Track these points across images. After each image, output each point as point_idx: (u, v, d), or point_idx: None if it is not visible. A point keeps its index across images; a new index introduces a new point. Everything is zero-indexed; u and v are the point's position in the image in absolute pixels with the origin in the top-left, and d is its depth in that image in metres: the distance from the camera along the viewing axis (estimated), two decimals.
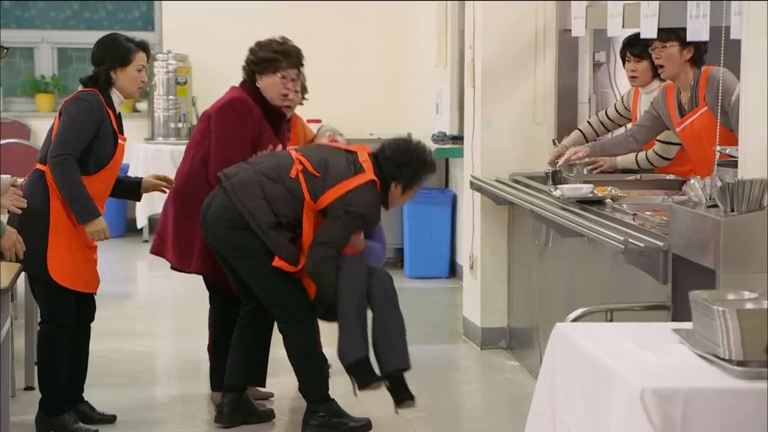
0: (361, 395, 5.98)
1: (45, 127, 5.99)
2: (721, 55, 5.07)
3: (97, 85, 5.88)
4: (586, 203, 5.99)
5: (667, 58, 6.27)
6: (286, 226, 5.83)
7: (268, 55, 6.19)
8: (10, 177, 5.84)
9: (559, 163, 6.81)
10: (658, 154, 6.82)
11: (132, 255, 11.22)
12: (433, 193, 10.14)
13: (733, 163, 4.84)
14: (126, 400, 6.57)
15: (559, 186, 6.44)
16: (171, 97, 11.90)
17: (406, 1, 11.69)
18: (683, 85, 6.33)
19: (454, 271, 9.92)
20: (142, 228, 11.66)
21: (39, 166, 5.84)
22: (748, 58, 4.65)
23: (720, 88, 5.93)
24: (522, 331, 7.34)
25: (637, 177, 6.80)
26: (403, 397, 5.86)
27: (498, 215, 7.57)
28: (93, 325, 6.13)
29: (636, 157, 6.87)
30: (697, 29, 5.36)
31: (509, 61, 7.52)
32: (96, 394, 6.32)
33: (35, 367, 6.19)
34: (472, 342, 7.80)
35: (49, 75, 12.46)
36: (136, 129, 11.48)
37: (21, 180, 5.93)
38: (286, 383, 6.64)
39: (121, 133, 5.96)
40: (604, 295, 5.75)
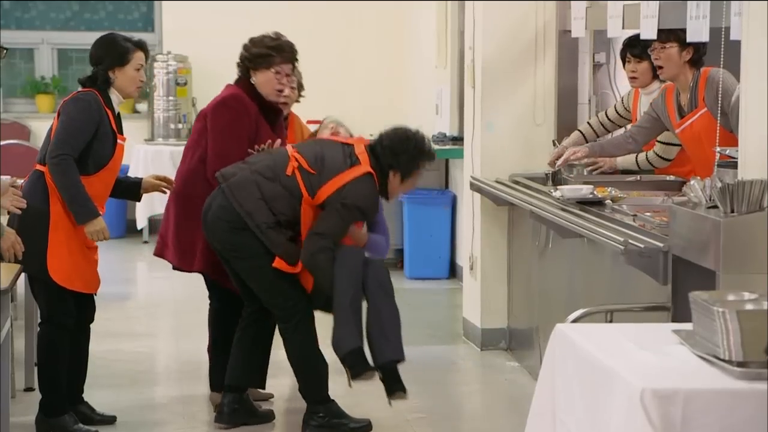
0: (361, 396, 5.97)
1: (45, 128, 5.99)
2: (721, 56, 5.07)
3: (96, 86, 5.88)
4: (586, 204, 5.99)
5: (666, 59, 6.27)
6: (285, 224, 5.83)
7: (261, 51, 6.18)
8: (10, 178, 5.83)
9: (558, 163, 6.80)
10: (658, 155, 6.81)
11: (132, 256, 11.22)
12: (433, 194, 10.14)
13: (733, 164, 4.84)
14: (126, 401, 6.57)
15: (559, 187, 6.44)
16: (171, 98, 11.90)
17: (406, 1, 11.69)
18: (682, 87, 6.33)
19: (454, 271, 9.92)
20: (142, 229, 11.66)
21: (38, 166, 5.84)
22: (747, 59, 4.64)
23: (719, 89, 5.94)
24: (522, 332, 7.34)
25: (637, 178, 6.80)
26: (395, 389, 5.84)
27: (498, 216, 7.57)
28: (93, 326, 6.13)
29: (636, 158, 6.87)
30: (697, 30, 5.36)
31: (509, 62, 7.52)
32: (96, 395, 6.31)
33: (35, 368, 6.19)
34: (472, 343, 7.79)
35: (49, 76, 12.46)
36: (136, 130, 11.47)
37: (21, 181, 5.93)
38: (286, 384, 6.65)
39: (121, 133, 5.96)
40: (604, 296, 5.75)
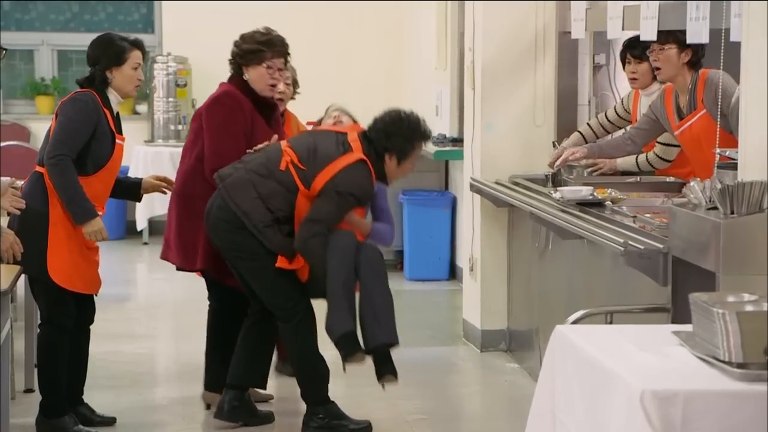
0: (361, 398, 5.97)
1: (45, 129, 5.98)
2: (721, 57, 5.06)
3: (94, 86, 5.88)
4: (585, 205, 5.99)
5: (665, 60, 6.26)
6: (283, 220, 5.82)
7: (251, 46, 6.17)
8: (9, 179, 5.82)
9: (557, 163, 6.80)
10: (658, 156, 6.81)
11: (132, 257, 11.22)
12: (432, 195, 10.14)
13: (732, 165, 4.84)
14: (126, 402, 6.57)
15: (558, 188, 6.43)
16: (171, 99, 11.89)
17: (406, 1, 11.69)
18: (681, 88, 6.33)
19: (453, 273, 9.92)
20: (141, 230, 11.65)
21: (38, 168, 5.84)
22: (747, 59, 4.64)
23: (718, 91, 5.94)
24: (522, 334, 7.33)
25: (637, 179, 6.80)
26: (385, 372, 5.81)
27: (498, 217, 7.57)
28: (93, 327, 6.13)
29: (636, 159, 6.86)
30: (697, 31, 5.36)
31: (509, 64, 7.52)
32: (96, 396, 6.31)
33: (35, 369, 6.19)
34: (472, 344, 7.79)
35: (49, 77, 12.46)
36: (135, 131, 11.46)
37: (21, 182, 5.93)
38: (286, 385, 6.64)
39: (120, 133, 5.96)
40: (604, 297, 5.75)
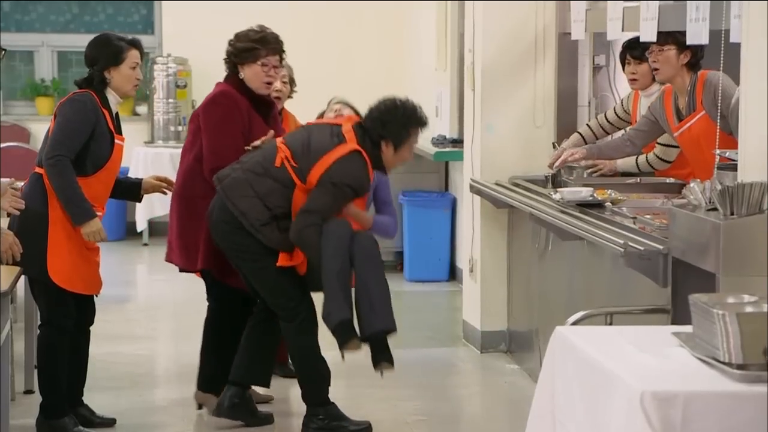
0: (361, 399, 5.96)
1: (45, 130, 5.98)
2: (721, 58, 5.06)
3: (92, 86, 5.88)
4: (585, 206, 5.99)
5: (663, 61, 6.26)
6: (281, 216, 5.82)
7: (246, 45, 6.17)
8: (9, 179, 5.82)
9: (556, 164, 6.80)
10: (658, 157, 6.81)
11: (132, 258, 11.22)
12: (432, 196, 10.14)
13: (732, 166, 4.84)
14: (126, 403, 6.56)
15: (558, 189, 6.44)
16: (171, 100, 11.90)
17: (406, 0, 11.68)
18: (680, 90, 6.32)
19: (453, 274, 9.91)
20: (141, 231, 11.65)
21: (37, 169, 5.84)
22: (747, 60, 4.63)
23: (717, 92, 5.94)
24: (522, 335, 7.33)
25: (637, 180, 6.80)
26: (381, 359, 5.79)
27: (498, 218, 7.57)
28: (92, 328, 6.12)
29: (636, 160, 6.86)
30: (697, 33, 5.35)
31: (509, 65, 7.52)
32: (96, 397, 6.31)
33: (35, 370, 6.19)
34: (471, 345, 7.79)
35: (49, 78, 12.46)
36: (135, 132, 11.46)
37: (21, 183, 5.92)
38: (286, 386, 6.64)
39: (119, 133, 5.96)
40: (604, 298, 5.75)
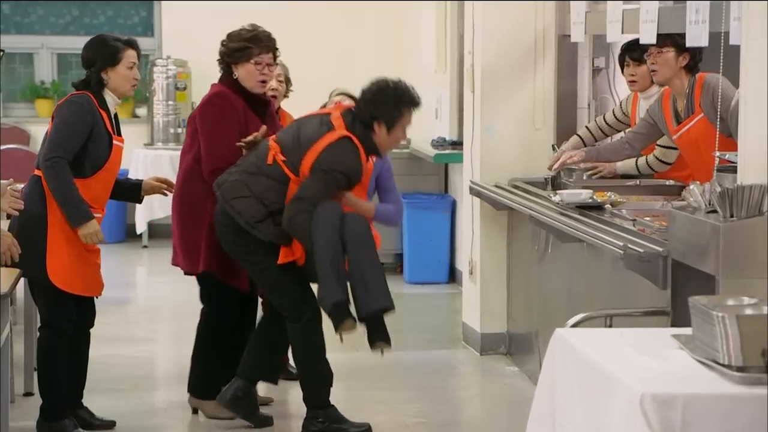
0: (361, 401, 5.94)
1: (45, 132, 5.98)
2: (721, 60, 5.06)
3: (89, 88, 5.88)
4: (585, 208, 5.99)
5: (662, 63, 6.27)
6: (278, 212, 5.82)
7: (238, 44, 6.16)
8: (8, 180, 5.80)
9: (555, 167, 6.81)
10: (658, 159, 6.81)
11: (131, 260, 11.22)
12: (432, 198, 10.14)
13: (732, 168, 4.84)
14: (125, 405, 6.56)
15: (558, 191, 6.44)
16: (170, 102, 11.90)
17: (406, 1, 11.68)
18: (678, 92, 6.33)
19: (453, 276, 9.91)
20: (141, 233, 11.65)
21: (37, 171, 5.85)
22: (747, 60, 4.62)
23: (715, 94, 5.94)
24: (521, 337, 7.33)
25: (637, 182, 6.80)
26: (377, 338, 5.78)
27: (497, 220, 7.57)
28: (92, 330, 6.12)
29: (636, 162, 6.87)
30: (697, 35, 5.35)
31: (509, 67, 7.52)
32: (95, 399, 6.31)
33: (34, 372, 6.19)
34: (471, 347, 7.79)
35: (48, 80, 12.47)
36: (135, 134, 11.47)
37: (21, 185, 5.92)
38: (285, 389, 6.64)
39: (118, 134, 5.95)
40: (603, 300, 5.75)
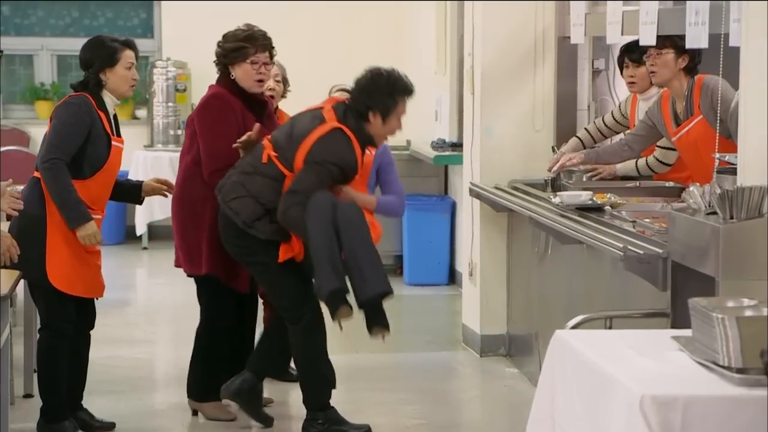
0: (361, 403, 5.94)
1: (44, 134, 5.98)
2: (720, 62, 5.06)
3: (88, 89, 5.88)
4: (585, 210, 5.99)
5: (661, 64, 6.27)
6: (274, 210, 5.81)
7: (233, 45, 6.17)
8: (7, 181, 5.79)
9: (554, 169, 6.81)
10: (658, 160, 6.81)
11: (131, 262, 11.22)
12: (432, 200, 10.14)
13: (732, 170, 4.84)
14: (125, 407, 6.56)
15: (558, 193, 6.44)
16: (170, 104, 11.90)
17: (406, 1, 11.67)
18: (677, 94, 6.33)
19: (453, 278, 9.91)
20: (141, 235, 11.65)
21: (36, 173, 5.85)
22: (747, 61, 4.61)
23: (714, 96, 5.95)
24: (521, 338, 7.33)
25: (636, 184, 6.80)
26: (375, 323, 5.75)
27: (497, 222, 7.57)
28: (92, 332, 6.12)
29: (636, 163, 6.87)
30: (696, 36, 5.35)
31: (508, 68, 7.53)
32: (95, 401, 6.30)
33: (34, 374, 6.19)
34: (471, 349, 7.79)
35: (48, 82, 12.47)
36: (135, 136, 11.47)
37: (21, 187, 5.92)
38: (286, 390, 6.64)
39: (118, 135, 5.95)
40: (603, 302, 5.75)
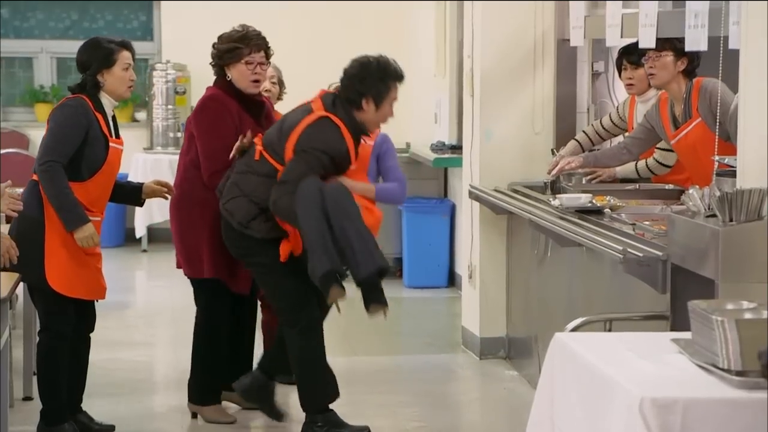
0: (361, 405, 5.92)
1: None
2: (720, 64, 5.06)
3: (85, 91, 5.87)
4: (584, 213, 5.99)
5: (660, 67, 6.27)
6: (268, 208, 5.82)
7: (228, 46, 6.19)
8: (6, 183, 5.79)
9: (553, 172, 6.81)
10: (658, 162, 6.82)
11: (131, 264, 11.22)
12: (431, 202, 10.14)
13: (731, 172, 4.84)
14: (124, 410, 6.56)
15: (557, 195, 6.44)
16: (170, 106, 11.90)
17: (405, 1, 11.67)
18: (676, 97, 6.33)
19: (453, 280, 9.91)
20: (140, 237, 11.65)
21: (35, 176, 5.84)
22: (747, 61, 4.60)
23: (713, 99, 5.95)
24: (521, 341, 7.33)
25: (636, 186, 6.80)
26: (371, 300, 5.73)
27: (497, 225, 7.57)
28: (92, 334, 6.12)
29: (636, 165, 6.87)
30: (696, 39, 5.36)
31: (508, 71, 7.53)
32: (94, 404, 6.30)
33: (34, 377, 6.18)
34: (470, 352, 7.79)
35: (48, 85, 12.47)
36: (135, 138, 11.47)
37: (20, 190, 5.91)
38: (286, 393, 6.62)
39: (116, 136, 5.94)
40: (603, 304, 5.75)
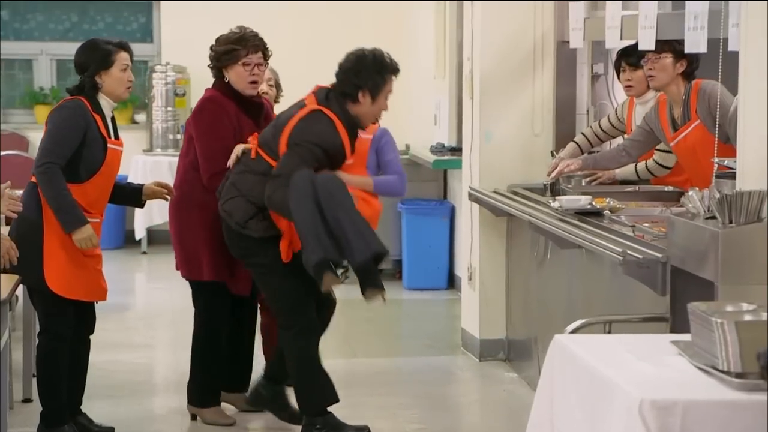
0: (360, 408, 5.91)
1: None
2: (719, 66, 5.06)
3: (83, 93, 5.87)
4: (584, 215, 5.99)
5: (660, 69, 6.27)
6: (265, 207, 5.82)
7: (225, 47, 6.21)
8: (5, 183, 5.79)
9: (552, 175, 6.82)
10: (658, 163, 6.82)
11: (130, 266, 11.21)
12: (431, 204, 10.14)
13: (730, 174, 4.84)
14: (124, 412, 6.56)
15: (557, 197, 6.44)
16: (170, 108, 11.90)
17: (405, 2, 11.67)
18: (675, 99, 6.33)
19: (452, 282, 9.91)
20: (140, 239, 11.65)
21: (33, 178, 5.84)
22: (746, 62, 4.60)
23: (712, 101, 5.95)
24: (520, 343, 7.33)
25: (636, 188, 6.80)
26: (367, 285, 5.71)
27: (496, 227, 7.57)
28: (91, 336, 6.12)
29: (635, 167, 6.87)
30: (695, 41, 5.36)
31: (508, 73, 7.53)
32: (94, 406, 6.30)
33: (33, 379, 6.18)
34: (470, 353, 7.79)
35: (47, 87, 12.46)
36: (134, 140, 11.47)
37: (19, 191, 5.91)
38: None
39: (115, 137, 5.94)
40: (602, 306, 5.75)
